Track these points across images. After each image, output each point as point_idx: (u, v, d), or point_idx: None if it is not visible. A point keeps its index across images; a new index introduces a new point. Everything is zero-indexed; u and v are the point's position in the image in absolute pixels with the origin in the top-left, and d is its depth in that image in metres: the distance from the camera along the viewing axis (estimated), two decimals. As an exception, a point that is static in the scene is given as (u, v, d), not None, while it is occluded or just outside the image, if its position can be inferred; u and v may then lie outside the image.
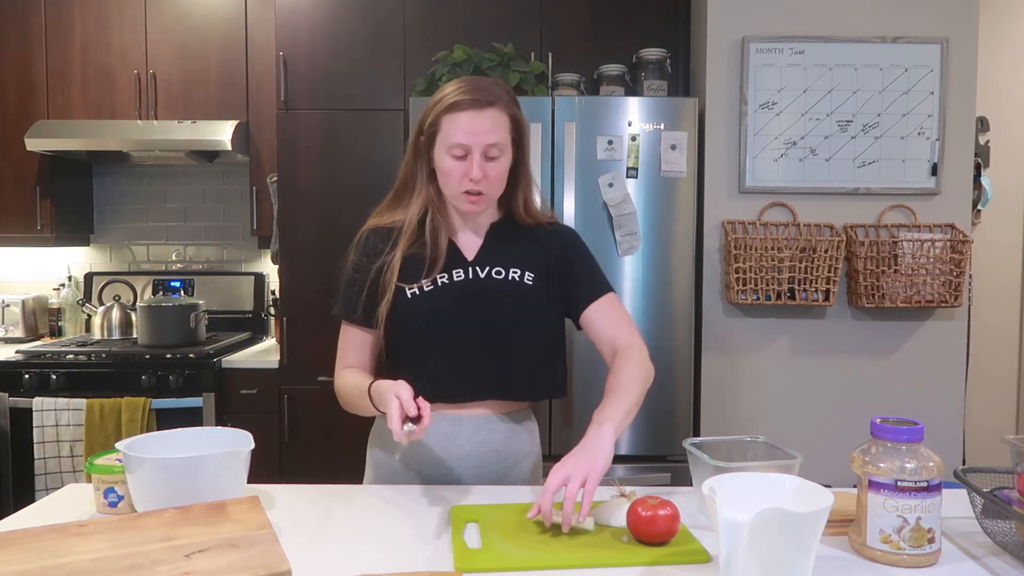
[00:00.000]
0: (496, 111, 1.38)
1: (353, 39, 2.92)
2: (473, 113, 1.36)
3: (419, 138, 1.44)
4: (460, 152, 1.37)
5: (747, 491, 1.00)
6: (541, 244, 1.51)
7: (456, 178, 1.39)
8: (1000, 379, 3.33)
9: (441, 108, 1.38)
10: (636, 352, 1.44)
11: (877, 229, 2.57)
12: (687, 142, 2.55)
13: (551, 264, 1.50)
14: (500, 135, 1.38)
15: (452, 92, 1.38)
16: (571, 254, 1.53)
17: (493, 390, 1.46)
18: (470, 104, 1.36)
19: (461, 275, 1.45)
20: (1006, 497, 1.13)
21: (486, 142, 1.36)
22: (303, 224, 2.91)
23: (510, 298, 1.45)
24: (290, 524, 1.23)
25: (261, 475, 1.42)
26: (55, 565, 0.99)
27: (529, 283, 1.47)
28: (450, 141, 1.37)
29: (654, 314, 2.58)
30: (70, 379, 2.92)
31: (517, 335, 1.45)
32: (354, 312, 1.47)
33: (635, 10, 2.95)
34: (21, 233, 3.28)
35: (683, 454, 1.35)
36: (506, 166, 1.42)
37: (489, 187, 1.40)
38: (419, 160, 1.45)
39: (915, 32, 2.57)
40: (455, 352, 1.43)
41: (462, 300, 1.43)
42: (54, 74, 3.24)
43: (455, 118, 1.37)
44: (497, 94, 1.39)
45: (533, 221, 1.51)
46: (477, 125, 1.36)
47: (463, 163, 1.38)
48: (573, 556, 1.10)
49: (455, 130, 1.36)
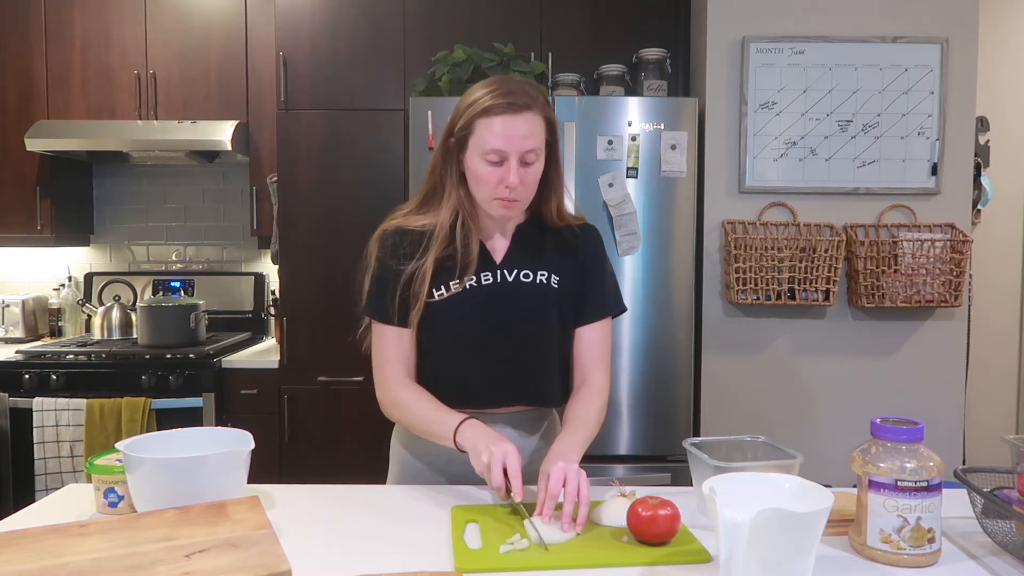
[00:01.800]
0: (532, 115, 1.33)
1: (353, 39, 2.92)
2: (509, 117, 1.31)
3: (449, 140, 1.39)
4: (496, 158, 1.33)
5: (747, 491, 1.00)
6: (568, 246, 1.49)
7: (491, 184, 1.35)
8: (1000, 379, 3.33)
9: (475, 111, 1.33)
10: (604, 395, 1.48)
11: (877, 229, 2.57)
12: (687, 142, 2.55)
13: (575, 267, 1.49)
14: (537, 140, 1.34)
15: (486, 95, 1.33)
16: (591, 263, 1.50)
17: (520, 393, 1.46)
18: (506, 108, 1.31)
19: (489, 278, 1.44)
20: (1006, 497, 1.13)
21: (524, 148, 1.32)
22: (303, 224, 2.91)
23: (537, 301, 1.44)
24: (290, 524, 1.23)
25: (261, 475, 1.42)
26: (55, 565, 0.99)
27: (555, 286, 1.46)
28: (485, 146, 1.32)
29: (654, 314, 2.58)
30: (70, 379, 2.92)
31: (544, 337, 1.45)
32: (389, 314, 1.43)
33: (635, 10, 2.95)
34: (21, 233, 3.28)
35: (683, 454, 1.35)
36: (541, 170, 1.39)
37: (524, 193, 1.37)
38: (449, 163, 1.40)
39: (915, 32, 2.57)
40: (483, 355, 1.43)
41: (490, 303, 1.42)
42: (54, 74, 3.24)
43: (490, 122, 1.32)
44: (533, 96, 1.35)
45: (563, 223, 1.49)
46: (514, 130, 1.31)
47: (498, 169, 1.34)
48: (573, 556, 1.10)
49: (490, 135, 1.32)
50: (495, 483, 1.24)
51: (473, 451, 1.30)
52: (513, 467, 1.24)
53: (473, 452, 1.30)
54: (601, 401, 1.46)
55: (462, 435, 1.33)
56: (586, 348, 1.49)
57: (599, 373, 1.48)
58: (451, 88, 2.69)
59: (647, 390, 2.59)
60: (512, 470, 1.24)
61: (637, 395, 2.59)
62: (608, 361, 1.51)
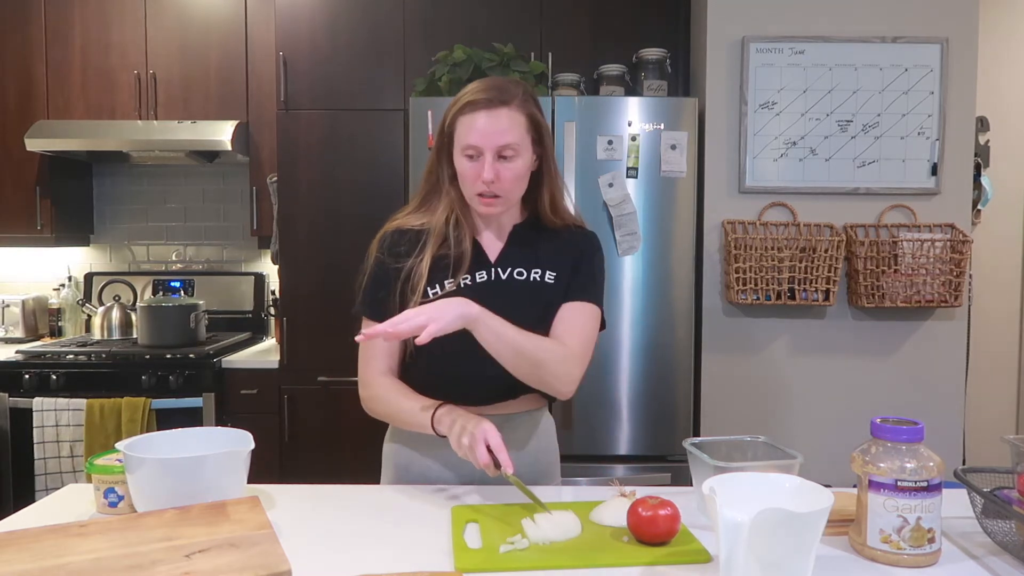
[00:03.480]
0: (511, 110, 1.36)
1: (353, 39, 2.92)
2: (486, 113, 1.34)
3: (440, 140, 1.43)
4: (472, 153, 1.36)
5: (747, 491, 1.00)
6: (563, 245, 1.49)
7: (470, 180, 1.38)
8: (1000, 379, 3.33)
9: (456, 108, 1.37)
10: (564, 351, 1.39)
11: (877, 229, 2.57)
12: (687, 142, 2.55)
13: (569, 265, 1.49)
14: (515, 135, 1.36)
15: (468, 92, 1.37)
16: (582, 261, 1.50)
17: (514, 391, 1.46)
18: (484, 104, 1.35)
19: (484, 276, 1.45)
20: (1006, 497, 1.13)
21: (498, 143, 1.35)
22: (303, 224, 2.91)
23: (532, 298, 1.44)
24: (290, 524, 1.23)
25: (261, 475, 1.42)
26: (55, 565, 0.99)
27: (550, 282, 1.46)
28: (463, 142, 1.36)
29: (654, 314, 2.58)
30: (70, 379, 2.92)
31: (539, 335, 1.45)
32: (379, 312, 1.43)
33: (635, 10, 2.95)
34: (21, 233, 3.28)
35: (683, 454, 1.35)
36: (522, 167, 1.39)
37: (504, 189, 1.38)
38: (441, 162, 1.44)
39: (915, 32, 2.57)
40: (477, 353, 1.43)
41: (484, 301, 1.41)
42: (54, 74, 3.24)
43: (469, 119, 1.35)
44: (513, 92, 1.37)
45: (561, 222, 1.49)
46: (489, 125, 1.34)
47: (476, 164, 1.37)
48: (573, 556, 1.10)
49: (467, 131, 1.36)
50: (481, 461, 1.25)
51: (452, 435, 1.31)
52: (495, 441, 1.26)
53: (452, 436, 1.31)
54: (560, 351, 1.38)
55: (440, 421, 1.34)
56: (564, 321, 1.43)
57: (574, 340, 1.41)
58: (451, 88, 2.69)
59: (647, 390, 2.59)
60: (495, 444, 1.25)
61: (637, 395, 2.59)
62: (581, 331, 1.43)
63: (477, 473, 1.40)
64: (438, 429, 1.35)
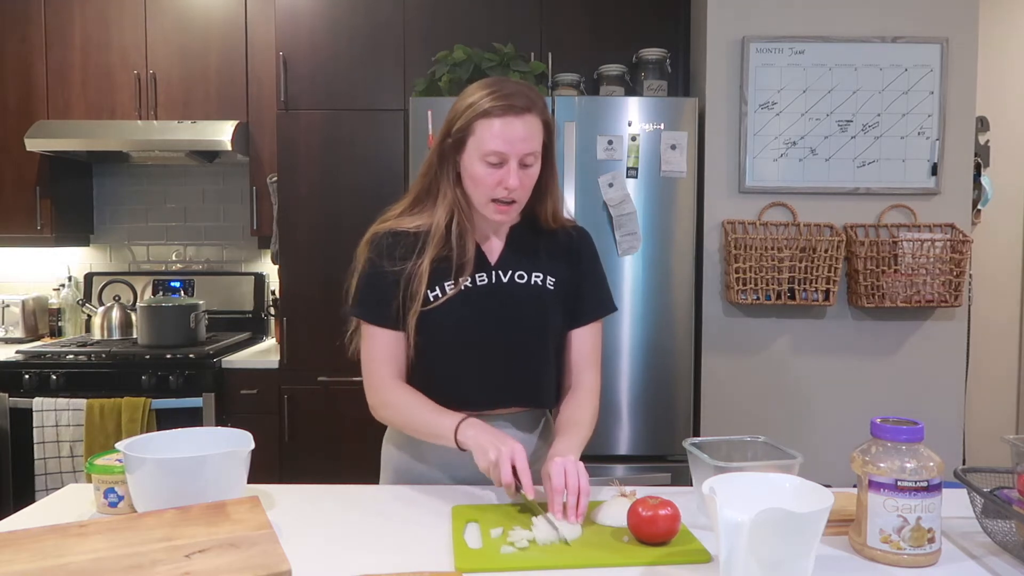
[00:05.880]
0: (532, 117, 1.34)
1: (353, 39, 2.92)
2: (510, 119, 1.32)
3: (446, 141, 1.38)
4: (496, 160, 1.33)
5: (747, 491, 1.00)
6: (562, 248, 1.49)
7: (489, 186, 1.35)
8: (1000, 379, 3.33)
9: (475, 112, 1.33)
10: (596, 396, 1.49)
11: (877, 229, 2.57)
12: (687, 142, 2.55)
13: (569, 268, 1.49)
14: (536, 143, 1.35)
15: (486, 96, 1.33)
16: (584, 265, 1.51)
17: (516, 394, 1.46)
18: (507, 110, 1.31)
19: (484, 279, 1.44)
20: (1006, 497, 1.13)
21: (524, 151, 1.33)
22: (303, 224, 2.91)
23: (532, 302, 1.44)
24: (290, 524, 1.23)
25: (261, 475, 1.42)
26: (55, 565, 0.99)
27: (551, 288, 1.46)
28: (485, 148, 1.32)
29: (654, 314, 2.58)
30: (70, 379, 2.92)
31: (539, 339, 1.45)
32: (381, 316, 1.42)
33: (635, 10, 2.95)
34: (21, 233, 3.28)
35: (683, 454, 1.35)
36: (537, 173, 1.39)
37: (522, 195, 1.38)
38: (445, 164, 1.40)
39: (915, 32, 2.57)
40: (479, 356, 1.43)
41: (485, 304, 1.42)
42: (54, 74, 3.24)
43: (490, 124, 1.32)
44: (532, 99, 1.35)
45: (557, 224, 1.50)
46: (514, 132, 1.32)
47: (498, 171, 1.34)
48: (573, 556, 1.10)
49: (491, 137, 1.32)
50: (504, 480, 1.24)
51: (478, 449, 1.29)
52: (521, 464, 1.25)
53: (478, 450, 1.29)
54: (594, 403, 1.47)
55: (464, 433, 1.32)
56: (579, 350, 1.50)
57: (591, 374, 1.50)
58: (451, 88, 2.69)
59: (647, 390, 2.59)
60: (521, 467, 1.25)
61: (637, 395, 2.59)
62: (599, 361, 1.53)
63: (474, 477, 1.40)
64: (462, 443, 1.33)
